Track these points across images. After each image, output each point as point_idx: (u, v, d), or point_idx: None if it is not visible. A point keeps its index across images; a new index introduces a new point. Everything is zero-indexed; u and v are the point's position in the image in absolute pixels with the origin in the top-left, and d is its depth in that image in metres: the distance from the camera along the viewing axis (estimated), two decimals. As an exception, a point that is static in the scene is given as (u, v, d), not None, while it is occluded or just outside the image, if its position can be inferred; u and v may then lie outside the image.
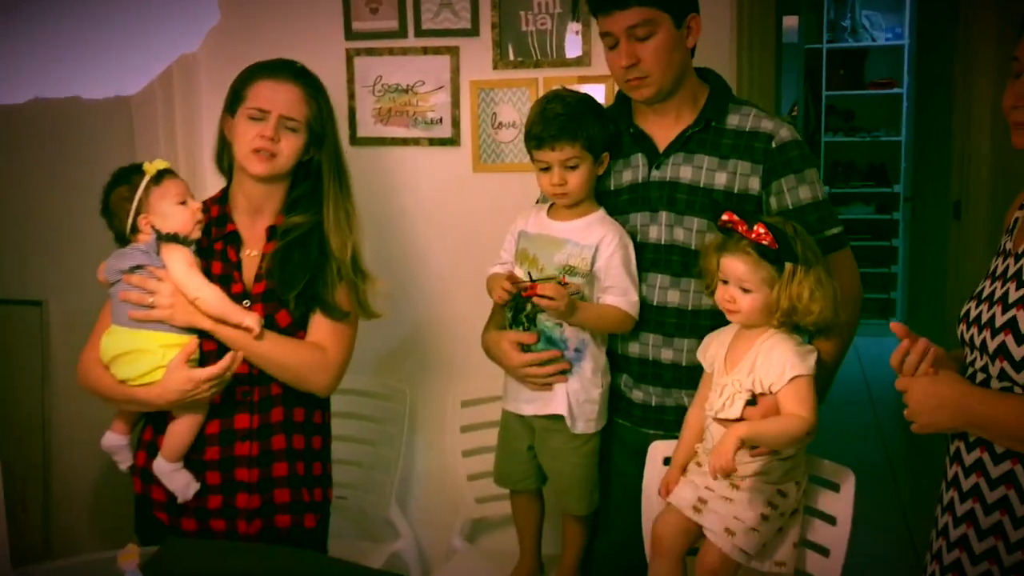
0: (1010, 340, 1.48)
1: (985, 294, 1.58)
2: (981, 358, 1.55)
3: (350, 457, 2.60)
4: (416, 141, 2.73)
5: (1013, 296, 1.50)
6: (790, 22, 6.10)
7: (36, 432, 2.84)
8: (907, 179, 6.31)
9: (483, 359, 2.25)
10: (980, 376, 1.54)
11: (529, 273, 2.12)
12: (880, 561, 3.26)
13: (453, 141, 2.72)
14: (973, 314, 1.58)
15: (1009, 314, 1.49)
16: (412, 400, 2.71)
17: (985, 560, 1.54)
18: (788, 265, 1.83)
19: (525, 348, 2.13)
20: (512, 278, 2.13)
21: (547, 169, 2.08)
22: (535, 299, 2.02)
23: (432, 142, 2.73)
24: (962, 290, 2.91)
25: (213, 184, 2.23)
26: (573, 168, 2.06)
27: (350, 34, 2.72)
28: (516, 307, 2.14)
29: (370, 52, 2.71)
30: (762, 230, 1.80)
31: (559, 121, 2.05)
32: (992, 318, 1.53)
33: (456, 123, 2.71)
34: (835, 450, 2.03)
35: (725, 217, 1.85)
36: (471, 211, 2.73)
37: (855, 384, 5.32)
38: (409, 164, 2.75)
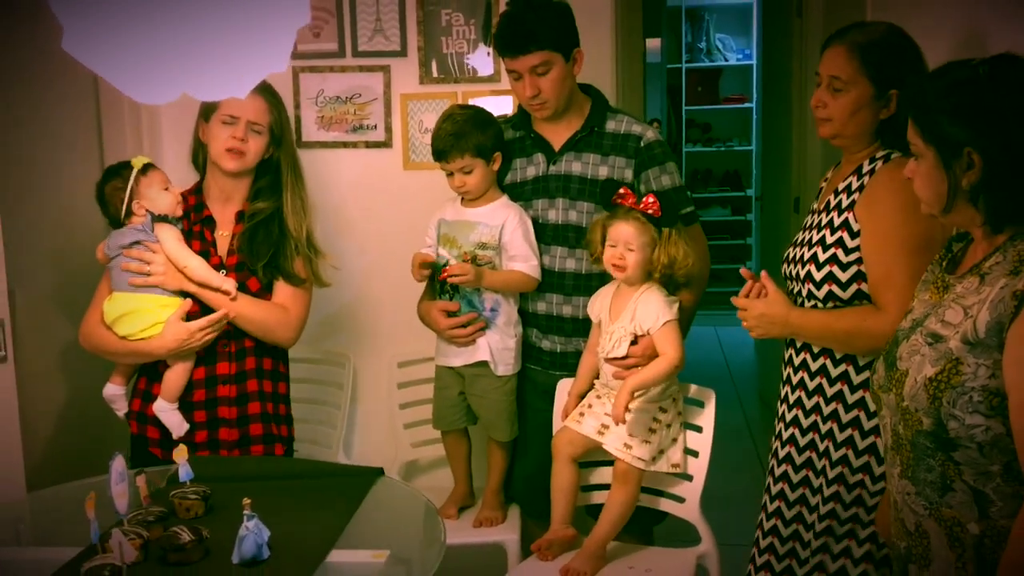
0: (812, 268, 2.03)
1: (798, 241, 2.14)
2: (796, 284, 2.10)
3: (303, 415, 2.80)
4: (354, 144, 3.05)
5: (815, 238, 2.06)
6: (653, 44, 6.44)
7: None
8: (758, 183, 6.77)
9: (415, 325, 2.66)
10: (799, 299, 2.09)
11: (437, 256, 2.53)
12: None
13: (386, 144, 3.04)
14: (791, 255, 2.15)
15: (812, 251, 2.05)
16: (355, 363, 3.02)
17: (811, 432, 2.10)
18: (665, 229, 2.34)
19: (452, 314, 2.57)
20: (424, 260, 2.54)
21: (451, 174, 2.54)
22: (448, 278, 2.47)
23: (368, 145, 3.05)
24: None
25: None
26: (468, 172, 2.51)
27: (296, 54, 2.98)
28: (440, 282, 2.56)
29: (313, 69, 3.02)
30: (651, 199, 2.30)
31: (449, 139, 2.48)
32: (802, 256, 2.08)
33: (388, 129, 3.03)
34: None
35: (622, 191, 2.31)
36: (402, 202, 3.05)
37: (717, 363, 5.75)
38: (348, 164, 3.06)
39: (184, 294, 2.32)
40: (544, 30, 2.38)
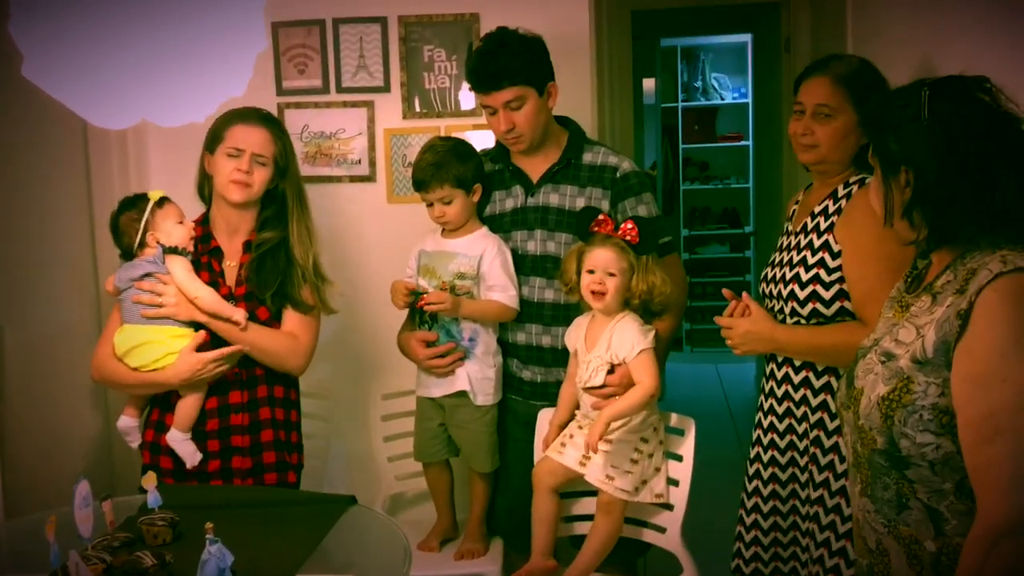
0: (795, 287, 2.10)
1: (775, 261, 2.21)
2: (777, 303, 2.16)
3: None
4: (339, 178, 3.10)
5: (796, 259, 2.12)
6: (649, 84, 6.55)
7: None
8: (755, 220, 6.89)
9: (399, 358, 2.66)
10: (779, 317, 2.14)
11: (417, 286, 2.56)
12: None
13: (370, 178, 3.09)
14: (768, 274, 2.21)
15: (794, 271, 2.11)
16: (339, 396, 3.04)
17: (788, 434, 2.17)
18: (643, 257, 2.34)
19: (430, 344, 2.57)
20: (406, 287, 2.55)
21: (431, 205, 2.57)
22: (426, 307, 2.49)
23: (352, 179, 3.10)
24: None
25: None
26: (448, 203, 2.53)
27: (281, 91, 3.08)
28: (419, 312, 2.58)
29: (298, 105, 3.07)
30: (630, 226, 2.32)
31: (430, 170, 2.51)
32: (783, 275, 2.14)
33: (372, 163, 3.08)
34: (702, 451, 2.44)
35: (601, 218, 2.33)
36: (386, 235, 3.09)
37: (717, 400, 5.71)
38: (333, 197, 3.09)
39: (196, 325, 2.34)
40: (516, 66, 2.42)
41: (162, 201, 2.34)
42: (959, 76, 1.54)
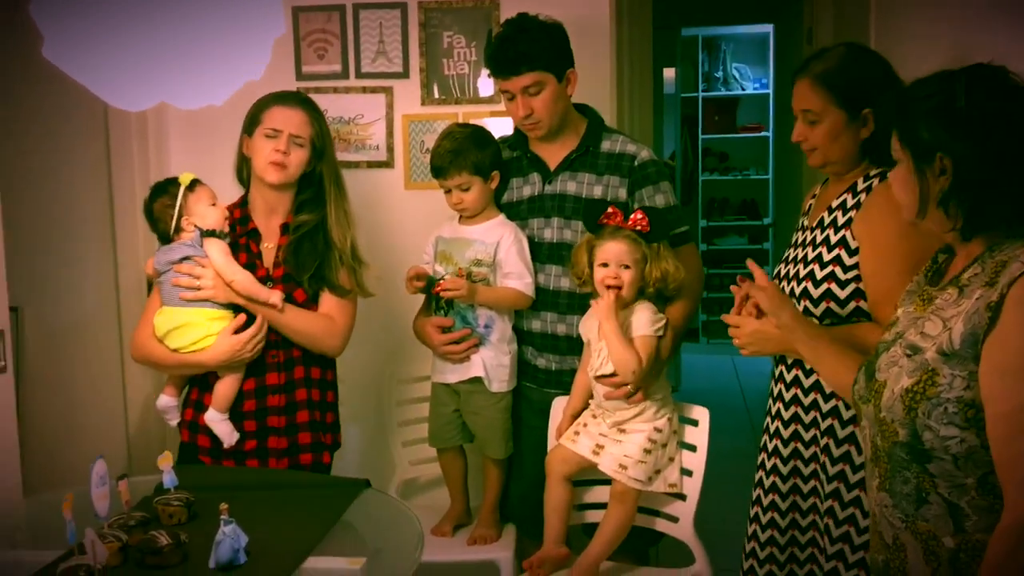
0: (809, 285, 2.04)
1: (790, 258, 2.15)
2: (792, 301, 2.07)
3: None
4: (357, 164, 3.09)
5: (811, 255, 2.06)
6: (669, 74, 6.55)
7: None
8: (774, 211, 6.89)
9: (415, 343, 2.67)
10: None
11: (434, 273, 2.56)
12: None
13: (388, 164, 3.09)
14: (783, 272, 2.16)
15: (808, 268, 2.05)
16: (355, 380, 2.98)
17: (809, 446, 2.10)
18: (655, 244, 2.34)
19: (446, 330, 2.59)
20: (419, 273, 2.57)
21: (449, 191, 2.58)
22: (442, 293, 2.50)
23: (370, 164, 3.10)
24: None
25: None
26: (466, 190, 2.54)
27: (300, 75, 3.06)
28: (435, 298, 2.59)
29: (318, 91, 3.00)
30: (639, 215, 2.31)
31: (448, 157, 2.51)
32: (797, 273, 2.09)
33: (391, 149, 3.07)
34: (717, 443, 2.44)
35: (610, 211, 2.32)
36: (403, 221, 3.08)
37: (733, 392, 5.79)
38: (352, 183, 2.89)
39: (234, 307, 2.36)
40: (536, 51, 2.42)
41: (193, 184, 2.35)
42: (988, 64, 1.52)
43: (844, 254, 2.00)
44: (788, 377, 2.13)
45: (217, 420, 2.36)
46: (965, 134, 1.47)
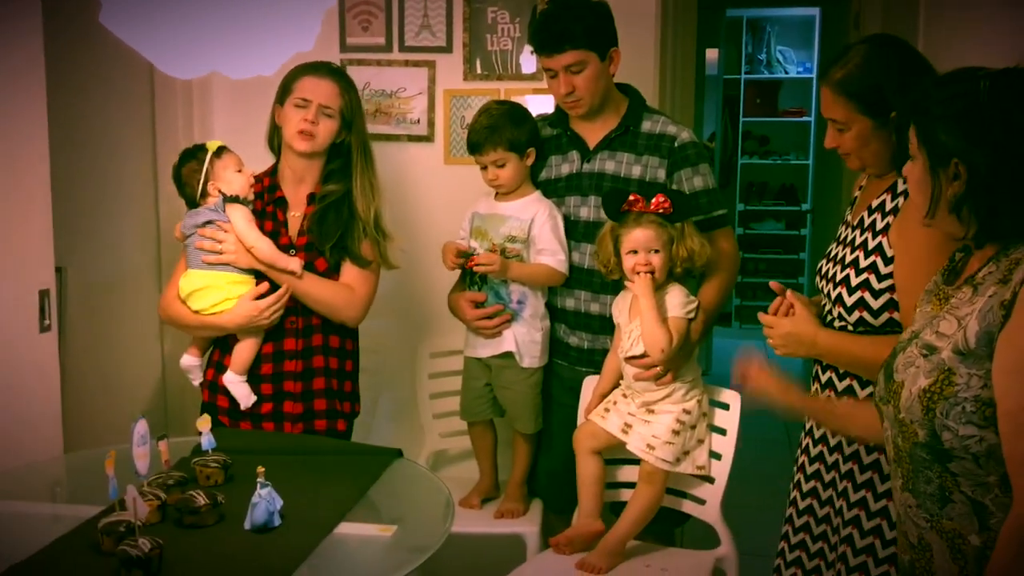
0: (843, 291, 1.99)
1: (832, 254, 2.09)
2: (827, 304, 2.05)
3: None
4: (398, 137, 3.11)
5: (848, 258, 2.00)
6: (712, 55, 6.44)
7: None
8: (813, 198, 6.80)
9: (449, 317, 2.70)
10: (829, 317, 2.04)
11: (469, 248, 2.59)
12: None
13: (428, 138, 3.10)
14: (824, 270, 2.10)
15: (844, 272, 2.00)
16: (389, 351, 3.08)
17: (820, 443, 2.11)
18: (678, 225, 2.33)
19: (479, 305, 2.60)
20: (458, 249, 2.59)
21: (485, 168, 2.59)
22: (475, 267, 2.52)
23: (411, 138, 3.11)
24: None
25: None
26: (501, 166, 2.55)
27: (344, 47, 3.09)
28: (469, 272, 2.62)
29: (361, 63, 3.08)
30: (662, 198, 2.30)
31: (484, 133, 2.52)
32: (834, 275, 2.03)
33: (431, 123, 3.09)
34: (746, 427, 2.43)
35: (632, 198, 2.31)
36: (441, 195, 3.10)
37: None
38: (391, 156, 3.08)
39: (255, 272, 2.39)
40: (579, 29, 2.41)
41: (220, 151, 2.39)
42: (1015, 68, 1.48)
43: (880, 262, 1.94)
44: (823, 378, 2.09)
45: (235, 381, 2.40)
46: (984, 144, 1.43)
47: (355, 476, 2.05)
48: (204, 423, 1.97)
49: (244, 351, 2.41)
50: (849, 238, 2.05)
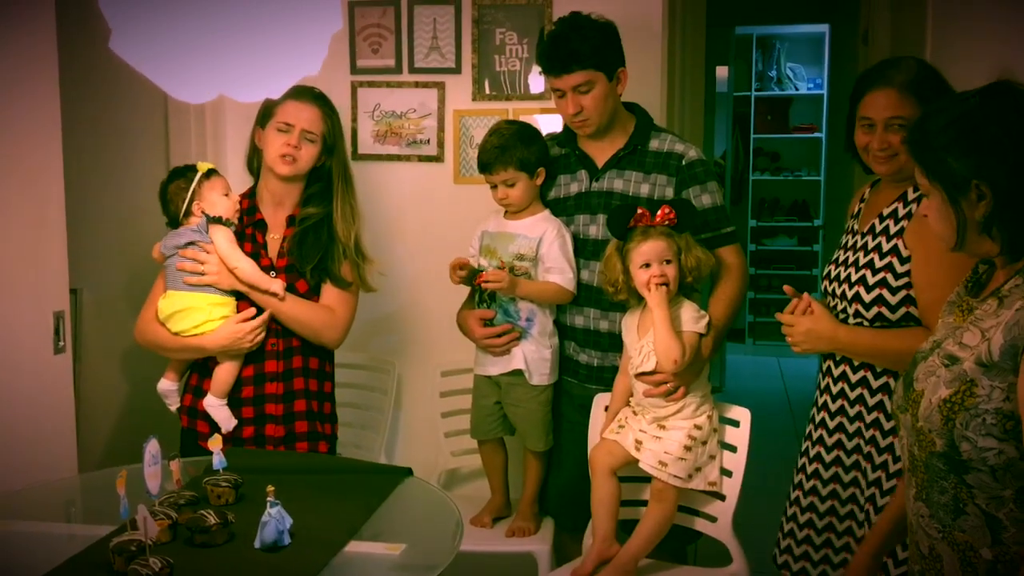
0: (861, 290, 2.07)
1: (840, 260, 2.18)
2: (840, 303, 2.13)
3: (347, 419, 2.89)
4: (407, 158, 3.13)
5: (863, 260, 2.09)
6: (722, 72, 6.45)
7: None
8: (825, 213, 6.80)
9: (460, 336, 2.70)
10: (841, 317, 2.12)
11: (478, 266, 2.61)
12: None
13: (438, 158, 3.12)
14: (832, 274, 2.18)
15: (860, 273, 2.08)
16: (399, 371, 3.08)
17: (836, 432, 2.15)
18: (681, 236, 2.33)
19: (488, 323, 2.62)
20: (462, 264, 2.60)
21: (495, 187, 2.60)
22: (483, 284, 2.53)
23: (420, 158, 3.13)
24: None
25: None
26: (511, 186, 2.56)
27: (355, 69, 3.11)
28: (478, 290, 2.63)
29: (371, 84, 3.11)
30: (666, 210, 2.31)
31: (494, 153, 2.54)
32: (848, 276, 2.11)
33: (441, 144, 3.11)
34: (758, 445, 2.43)
35: (639, 212, 2.32)
36: (451, 215, 3.10)
37: (778, 394, 5.70)
38: (401, 176, 3.14)
39: (237, 294, 2.41)
40: (587, 50, 2.43)
41: (210, 173, 2.41)
42: (1000, 81, 1.50)
43: (896, 262, 2.04)
44: (836, 372, 2.17)
45: (216, 405, 2.41)
46: (998, 156, 1.44)
47: (365, 495, 2.06)
48: (215, 443, 1.98)
49: (224, 374, 2.41)
50: (860, 243, 2.14)
